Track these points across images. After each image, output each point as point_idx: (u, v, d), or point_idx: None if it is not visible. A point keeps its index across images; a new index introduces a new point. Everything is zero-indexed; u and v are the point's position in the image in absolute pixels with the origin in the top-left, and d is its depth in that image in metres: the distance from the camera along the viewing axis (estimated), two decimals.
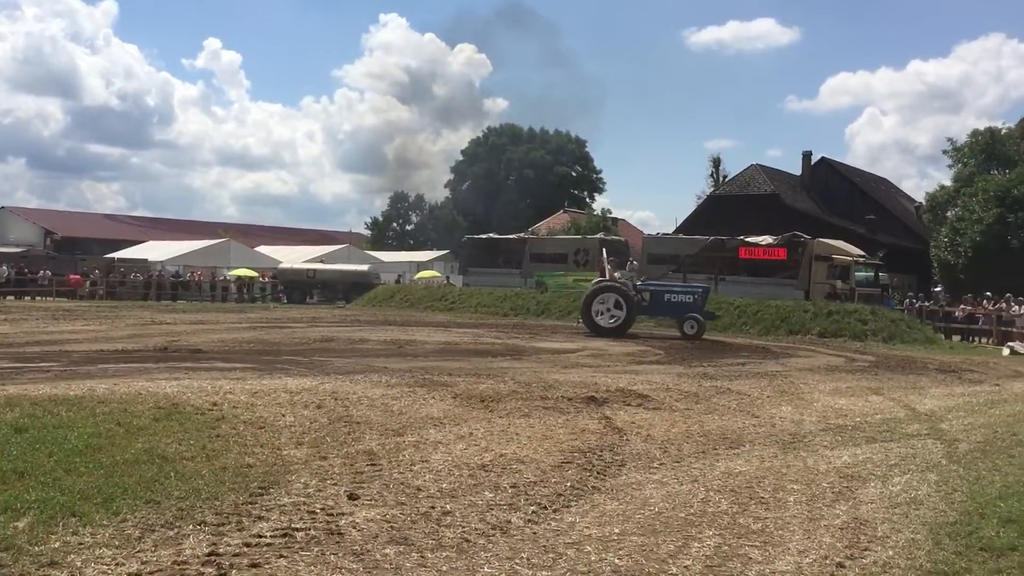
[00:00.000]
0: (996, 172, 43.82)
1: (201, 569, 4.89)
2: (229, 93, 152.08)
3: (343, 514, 6.02)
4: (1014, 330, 28.23)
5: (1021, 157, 46.30)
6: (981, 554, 5.62)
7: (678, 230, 51.35)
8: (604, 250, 29.66)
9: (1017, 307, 29.32)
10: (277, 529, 5.61)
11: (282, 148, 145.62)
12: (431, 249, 74.11)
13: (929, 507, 6.84)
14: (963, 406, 12.96)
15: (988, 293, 31.66)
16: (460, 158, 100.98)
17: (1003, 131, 55.31)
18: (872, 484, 7.61)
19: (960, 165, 55.40)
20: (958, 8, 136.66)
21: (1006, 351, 25.82)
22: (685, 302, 25.59)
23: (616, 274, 27.96)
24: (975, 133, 55.74)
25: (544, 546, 5.55)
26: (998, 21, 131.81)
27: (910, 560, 5.50)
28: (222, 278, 50.70)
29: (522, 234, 50.78)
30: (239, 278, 50.01)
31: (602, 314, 25.08)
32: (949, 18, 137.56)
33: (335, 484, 6.79)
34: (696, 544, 5.74)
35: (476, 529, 5.85)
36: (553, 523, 6.08)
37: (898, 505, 6.88)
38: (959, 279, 36.12)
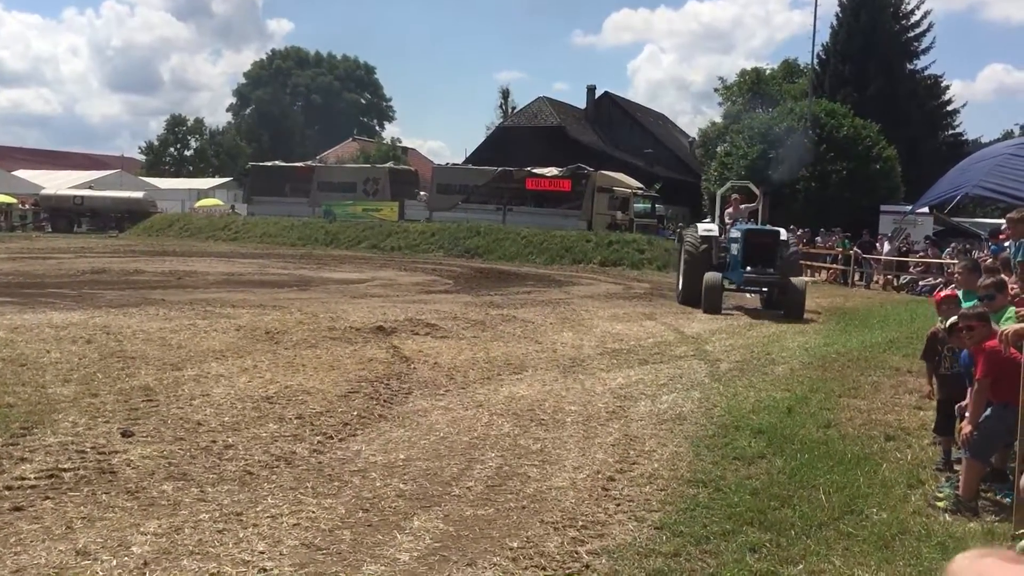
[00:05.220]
0: (760, 110, 46.84)
1: None
2: None
3: (116, 452, 5.77)
4: None
5: (782, 97, 49.69)
6: (735, 463, 6.16)
7: (467, 161, 51.76)
8: (727, 186, 20.58)
9: None
10: (42, 471, 5.31)
11: (42, 64, 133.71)
12: (213, 176, 70.69)
13: (692, 422, 7.40)
14: (725, 329, 14.00)
15: None
16: (243, 81, 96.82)
17: (767, 72, 59.31)
18: (643, 403, 8.13)
19: (729, 103, 59.01)
20: None
21: None
22: (734, 254, 17.01)
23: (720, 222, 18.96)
24: (743, 73, 59.48)
25: (329, 475, 5.56)
26: None
27: (673, 471, 5.95)
28: None
29: (310, 162, 49.57)
30: None
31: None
32: None
33: (107, 422, 6.49)
34: (479, 466, 5.94)
35: (259, 461, 5.77)
36: (339, 452, 6.10)
37: (665, 422, 7.40)
38: None
